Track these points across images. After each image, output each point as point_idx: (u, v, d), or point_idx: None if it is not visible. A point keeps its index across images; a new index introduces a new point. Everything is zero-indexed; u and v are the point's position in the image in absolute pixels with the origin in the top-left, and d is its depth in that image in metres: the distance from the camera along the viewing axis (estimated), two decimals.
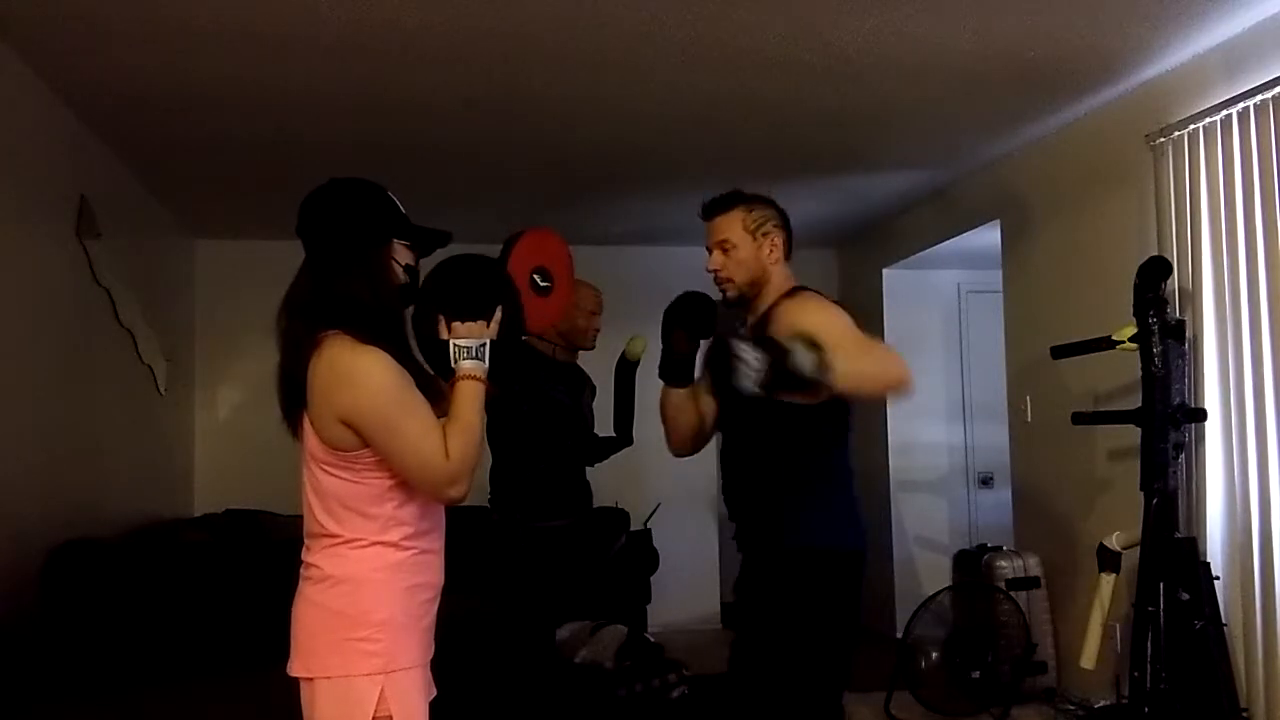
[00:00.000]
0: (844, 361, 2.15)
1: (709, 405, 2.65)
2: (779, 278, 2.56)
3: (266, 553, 4.59)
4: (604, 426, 3.87)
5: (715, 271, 2.57)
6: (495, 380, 1.99)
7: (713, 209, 2.60)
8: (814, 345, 2.14)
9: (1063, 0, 3.41)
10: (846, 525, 2.48)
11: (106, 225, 4.61)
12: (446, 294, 2.01)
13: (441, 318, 1.99)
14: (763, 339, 2.22)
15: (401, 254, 2.01)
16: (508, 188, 5.68)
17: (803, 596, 2.39)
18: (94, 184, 4.55)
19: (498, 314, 2.01)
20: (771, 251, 2.54)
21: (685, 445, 2.70)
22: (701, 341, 2.55)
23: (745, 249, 2.53)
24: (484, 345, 1.97)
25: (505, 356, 2.03)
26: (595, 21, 3.49)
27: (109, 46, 3.62)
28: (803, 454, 2.44)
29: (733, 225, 2.55)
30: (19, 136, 3.81)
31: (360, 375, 1.85)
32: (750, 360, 2.09)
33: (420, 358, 2.01)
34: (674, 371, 2.61)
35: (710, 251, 2.59)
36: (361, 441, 1.86)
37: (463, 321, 1.97)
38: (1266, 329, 3.50)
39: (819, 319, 2.35)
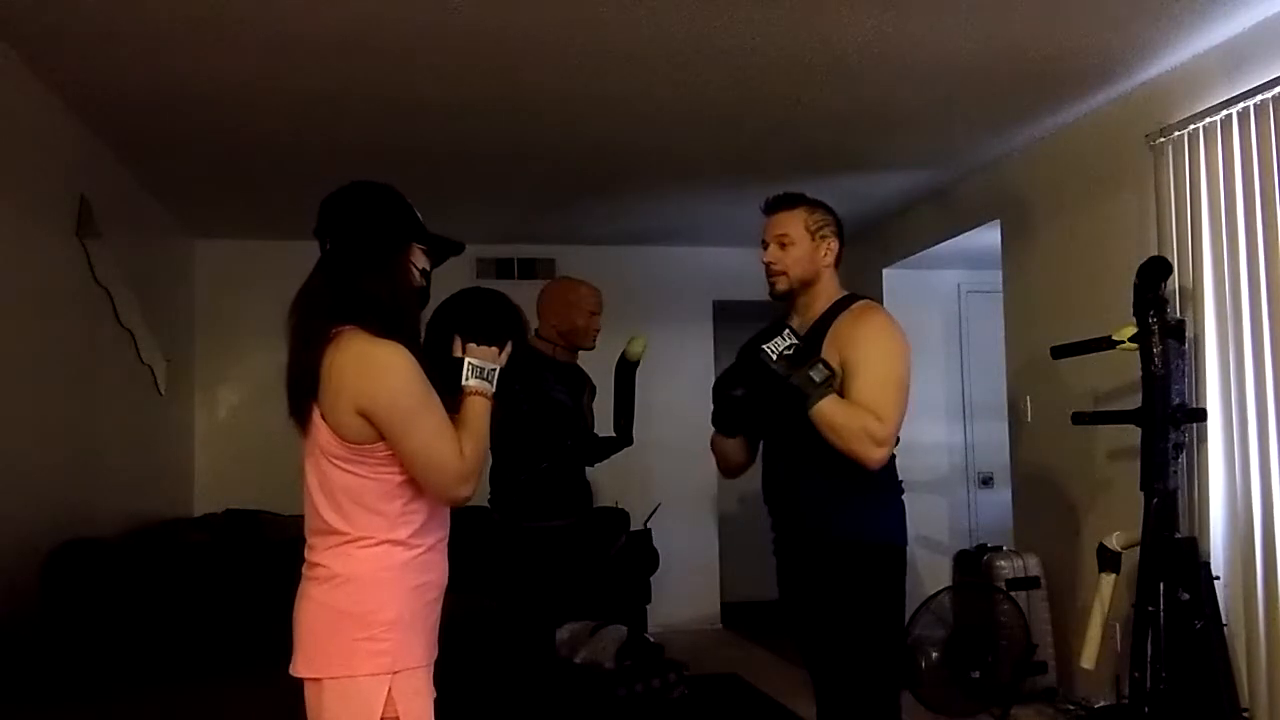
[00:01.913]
0: (833, 404, 2.40)
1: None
2: (829, 282, 2.66)
3: (266, 553, 4.59)
4: (604, 426, 3.87)
5: (769, 264, 2.64)
6: (515, 390, 2.08)
7: (777, 205, 2.68)
8: (829, 376, 2.41)
9: (1063, 0, 3.41)
10: (903, 523, 2.62)
11: (106, 225, 4.61)
12: (469, 316, 2.12)
13: (458, 336, 2.07)
14: (808, 347, 2.47)
15: (419, 258, 2.05)
16: (508, 188, 5.68)
17: (877, 590, 2.52)
18: (94, 184, 4.55)
19: (509, 347, 2.11)
20: (826, 254, 2.64)
21: (738, 473, 2.87)
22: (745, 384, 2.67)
23: (803, 247, 2.61)
24: (494, 370, 2.05)
25: (532, 369, 2.15)
26: (595, 22, 3.49)
27: (109, 47, 3.62)
28: None
29: (795, 222, 2.63)
30: (19, 136, 3.81)
31: (382, 367, 1.87)
32: (784, 341, 2.44)
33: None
34: (725, 423, 2.72)
35: (766, 245, 2.65)
36: (376, 434, 1.87)
37: (478, 344, 2.05)
38: (1267, 329, 3.50)
39: (871, 351, 2.48)
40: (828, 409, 2.40)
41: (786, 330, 2.47)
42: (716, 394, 2.68)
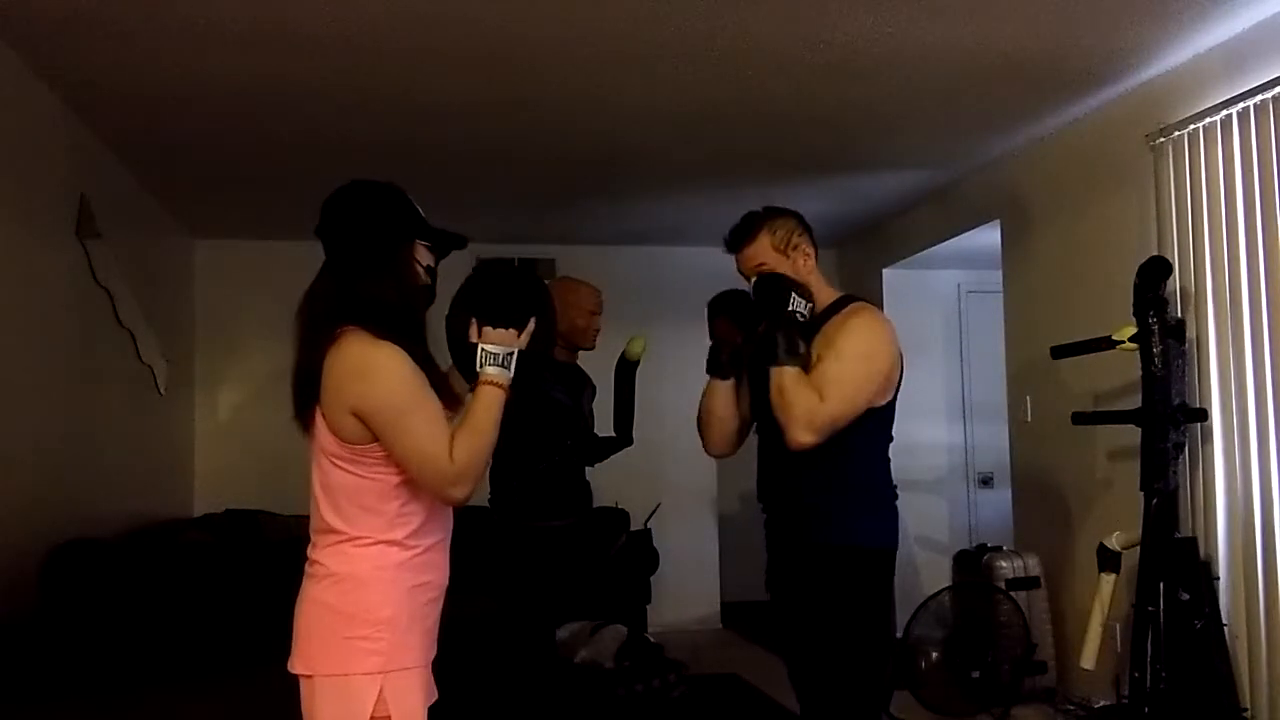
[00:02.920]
0: (793, 375, 2.38)
1: (744, 402, 2.70)
2: (817, 285, 2.59)
3: (266, 553, 4.60)
4: (604, 426, 3.87)
5: None
6: (516, 390, 2.00)
7: (738, 240, 2.59)
8: (806, 355, 2.39)
9: (1063, 0, 3.41)
10: (895, 526, 2.58)
11: (106, 225, 4.61)
12: (483, 298, 2.03)
13: (474, 321, 2.01)
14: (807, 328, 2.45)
15: (423, 255, 2.04)
16: (508, 188, 5.68)
17: (866, 595, 2.49)
18: (94, 184, 4.55)
19: (530, 325, 2.03)
20: (805, 262, 2.57)
21: (724, 446, 2.74)
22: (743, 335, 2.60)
23: (782, 269, 2.54)
24: (511, 354, 1.99)
25: (531, 369, 2.04)
26: (596, 22, 3.49)
27: (109, 46, 3.62)
28: (862, 456, 2.50)
29: (763, 249, 2.55)
30: (19, 136, 3.81)
31: (375, 368, 1.87)
32: (803, 308, 2.42)
33: (438, 359, 2.02)
34: (719, 363, 2.63)
35: (749, 278, 2.58)
36: (371, 435, 1.87)
37: (495, 328, 2.00)
38: (1268, 328, 3.50)
39: (845, 344, 2.44)
40: (786, 376, 2.37)
41: (808, 305, 2.44)
42: (712, 308, 2.59)
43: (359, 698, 1.85)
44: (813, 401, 2.35)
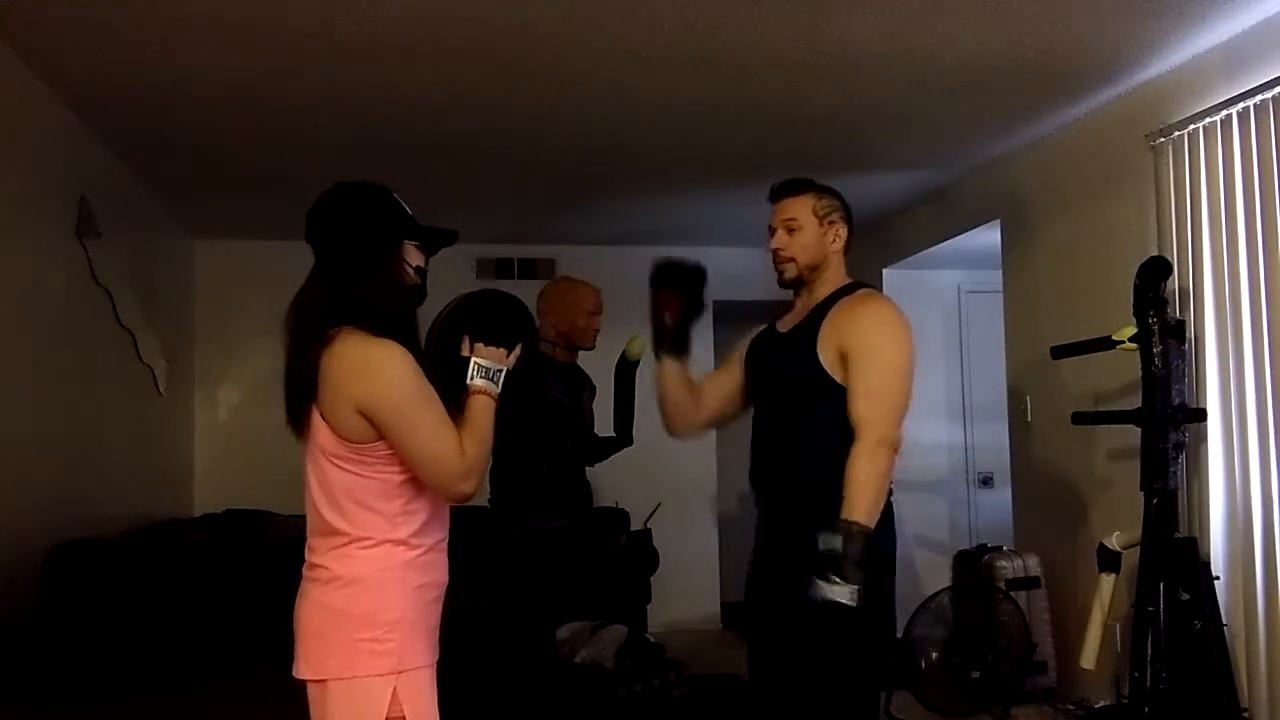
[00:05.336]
0: (853, 511, 2.31)
1: (718, 387, 2.74)
2: (837, 268, 2.63)
3: (266, 553, 4.60)
4: (604, 426, 3.87)
5: (777, 250, 2.62)
6: (515, 390, 2.08)
7: (784, 190, 2.65)
8: (851, 534, 2.31)
9: (1062, 0, 3.41)
10: (893, 526, 2.55)
11: (106, 225, 4.61)
12: (481, 317, 2.11)
13: (467, 336, 2.06)
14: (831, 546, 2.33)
15: (412, 255, 2.04)
16: (508, 188, 5.68)
17: (874, 596, 2.43)
18: (94, 184, 4.55)
19: (518, 349, 2.10)
20: (835, 240, 2.61)
21: (686, 427, 2.75)
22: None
23: (811, 232, 2.58)
24: (501, 371, 2.05)
25: (530, 369, 2.12)
26: (596, 22, 3.49)
27: (109, 46, 3.62)
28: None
29: (802, 207, 2.60)
30: (19, 136, 3.81)
31: (380, 365, 1.87)
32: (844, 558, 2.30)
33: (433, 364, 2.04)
34: (665, 341, 2.66)
35: (773, 231, 2.63)
36: (375, 433, 1.87)
37: (487, 345, 2.05)
38: (1267, 328, 3.50)
39: (873, 343, 2.44)
40: (858, 509, 2.33)
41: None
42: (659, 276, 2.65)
43: (373, 700, 1.86)
44: (870, 449, 2.36)
